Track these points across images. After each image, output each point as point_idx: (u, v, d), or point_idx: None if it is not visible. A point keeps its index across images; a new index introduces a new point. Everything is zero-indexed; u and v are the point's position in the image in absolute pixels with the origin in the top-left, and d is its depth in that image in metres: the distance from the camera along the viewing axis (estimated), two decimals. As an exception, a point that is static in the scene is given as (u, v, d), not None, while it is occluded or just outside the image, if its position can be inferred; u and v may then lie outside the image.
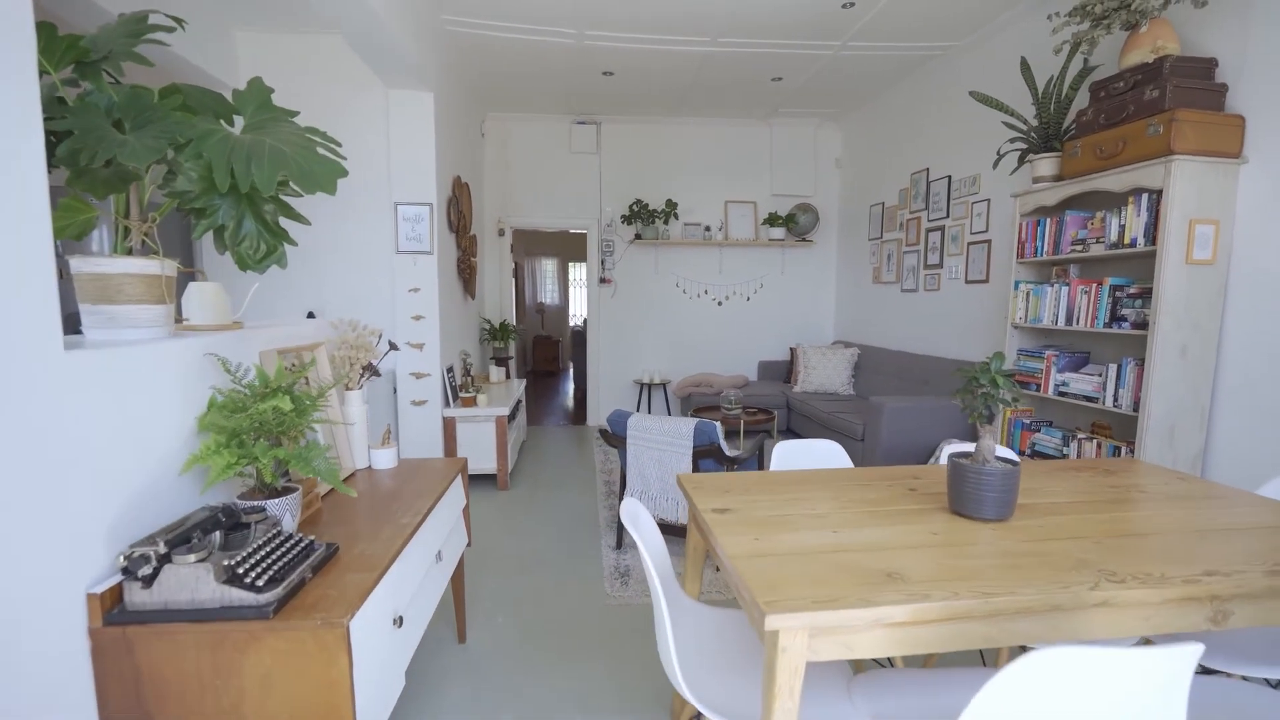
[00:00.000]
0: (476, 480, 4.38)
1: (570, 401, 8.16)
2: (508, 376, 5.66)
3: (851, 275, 6.22)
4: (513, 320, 6.33)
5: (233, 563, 1.16)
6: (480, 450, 4.22)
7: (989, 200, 4.17)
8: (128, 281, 1.30)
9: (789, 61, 4.60)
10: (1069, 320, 3.14)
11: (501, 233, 6.16)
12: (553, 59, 4.57)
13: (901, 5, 3.73)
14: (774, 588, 1.13)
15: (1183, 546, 1.35)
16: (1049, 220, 3.26)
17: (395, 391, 4.05)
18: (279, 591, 1.16)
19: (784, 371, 6.41)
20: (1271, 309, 2.54)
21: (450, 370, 4.28)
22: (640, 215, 6.08)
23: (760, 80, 5.03)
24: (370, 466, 2.14)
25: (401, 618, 1.44)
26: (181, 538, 1.17)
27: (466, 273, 4.79)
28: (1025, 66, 3.39)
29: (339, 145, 1.35)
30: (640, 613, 2.60)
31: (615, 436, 2.99)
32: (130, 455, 1.21)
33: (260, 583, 1.15)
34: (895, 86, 5.19)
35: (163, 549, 1.12)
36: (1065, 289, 3.17)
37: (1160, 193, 2.64)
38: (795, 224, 6.21)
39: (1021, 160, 3.58)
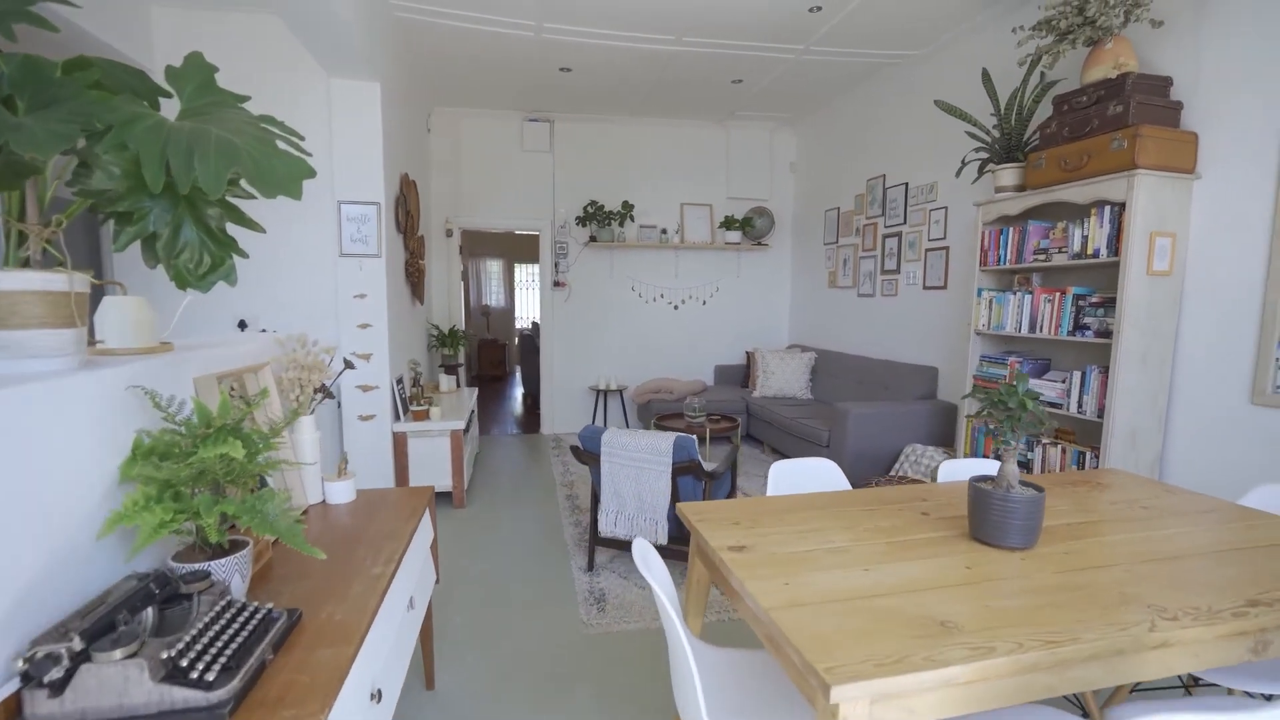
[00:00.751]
0: (429, 498, 4.10)
1: (520, 408, 7.89)
2: (458, 385, 5.37)
3: (807, 279, 6.26)
4: (462, 325, 6.03)
5: (173, 653, 0.93)
6: (434, 467, 3.95)
7: (947, 208, 4.24)
8: (25, 300, 1.05)
9: (752, 64, 4.55)
10: (1033, 328, 3.20)
11: (450, 233, 5.85)
12: (509, 51, 4.34)
13: (867, 11, 3.73)
14: (828, 650, 1.00)
15: (1213, 573, 1.31)
16: (1012, 229, 3.32)
17: (340, 406, 3.73)
18: (234, 685, 0.94)
19: (741, 376, 6.39)
20: (1221, 318, 2.64)
21: (400, 382, 3.99)
22: (595, 217, 5.91)
23: (720, 82, 4.96)
24: (325, 502, 1.90)
25: (380, 691, 1.24)
26: (103, 624, 0.94)
27: (415, 276, 4.49)
28: (986, 78, 3.44)
29: (302, 139, 1.14)
30: (623, 641, 2.45)
31: (588, 454, 2.82)
32: (29, 522, 0.96)
33: (210, 675, 0.93)
34: (851, 93, 5.23)
35: (78, 644, 0.88)
36: (1029, 297, 3.23)
37: (1122, 205, 2.71)
38: (751, 227, 6.20)
39: (982, 170, 3.64)
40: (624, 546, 2.82)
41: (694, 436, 2.65)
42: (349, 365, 2.17)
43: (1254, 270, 2.52)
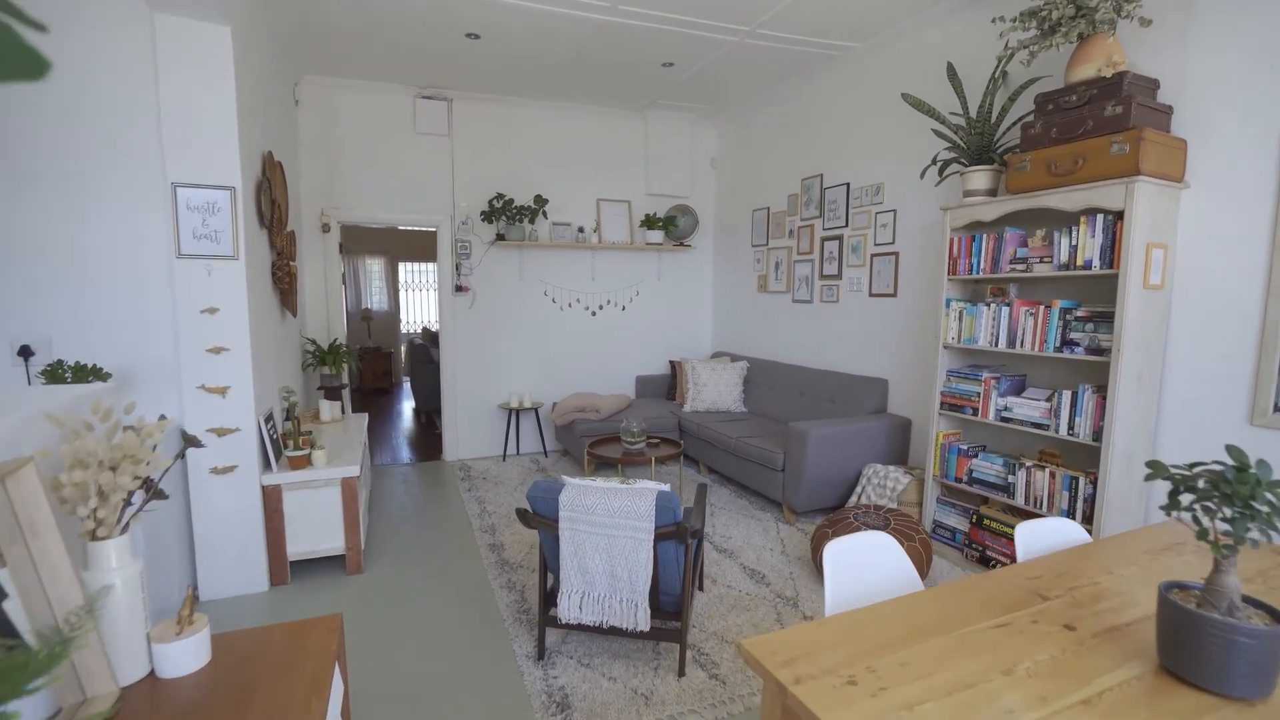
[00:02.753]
0: (317, 566, 3.24)
1: (413, 426, 6.93)
2: (343, 412, 4.45)
3: (732, 283, 5.92)
4: (343, 336, 5.06)
5: None
6: (320, 526, 3.10)
7: (895, 211, 4.02)
8: None
9: (689, 45, 4.07)
10: (1011, 343, 2.99)
11: (326, 228, 4.86)
12: (401, 7, 3.54)
13: (823, -7, 3.37)
14: None
15: None
16: (986, 236, 3.10)
17: (184, 458, 2.79)
18: None
19: (665, 388, 5.95)
20: (1213, 334, 2.54)
21: (269, 419, 3.09)
22: (504, 213, 5.18)
23: (649, 64, 4.44)
24: (155, 675, 1.15)
25: None
26: None
27: (285, 281, 3.56)
28: (952, 73, 3.20)
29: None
30: (602, 772, 1.87)
31: (541, 518, 2.20)
32: None
33: None
34: (785, 85, 4.93)
35: None
36: (1005, 310, 3.02)
37: (1117, 213, 2.53)
38: (675, 227, 5.76)
39: (943, 172, 3.41)
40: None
41: (675, 493, 2.11)
42: (191, 443, 1.40)
43: (1250, 285, 2.41)
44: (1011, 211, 2.95)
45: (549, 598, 2.38)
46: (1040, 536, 1.65)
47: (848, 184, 4.40)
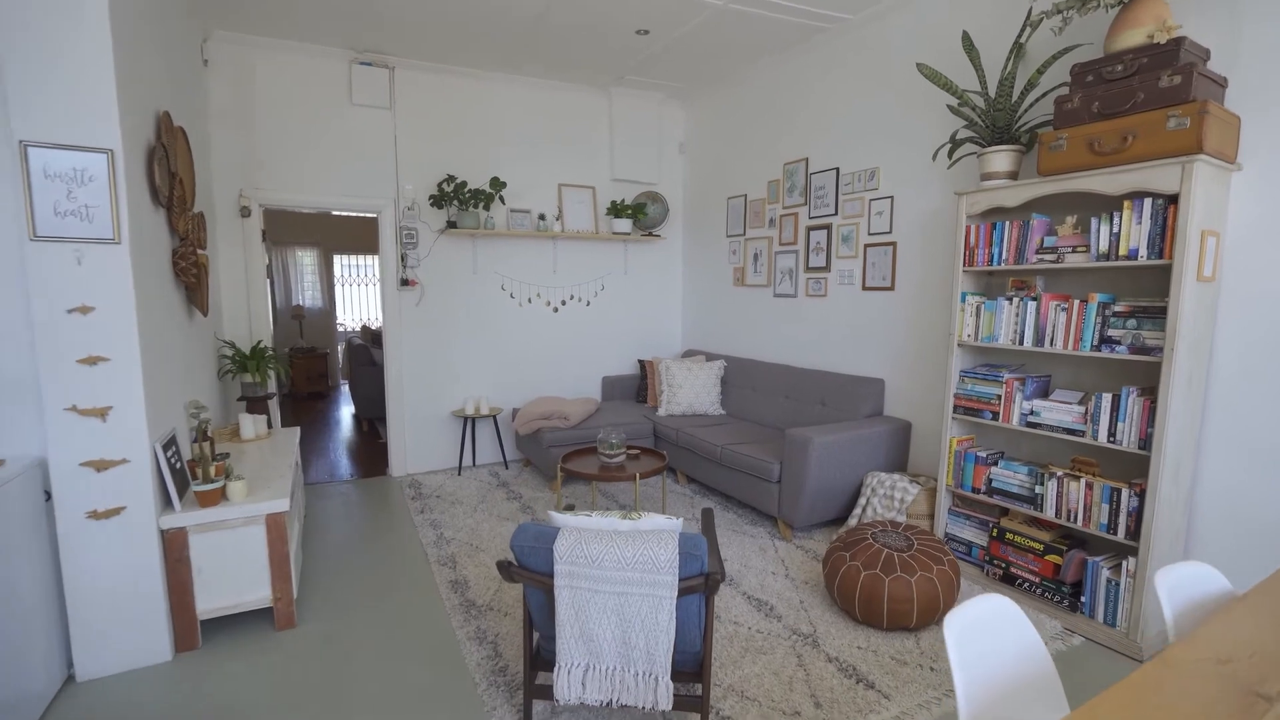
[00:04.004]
0: (237, 623, 2.65)
1: (353, 436, 6.25)
2: (270, 427, 3.81)
3: (705, 277, 5.54)
4: (269, 338, 4.38)
5: None
6: (239, 573, 2.52)
7: (892, 198, 3.71)
8: None
9: (668, 8, 3.64)
10: (1039, 341, 2.72)
11: (246, 212, 4.18)
12: (334, -56, 2.96)
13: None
14: None
15: None
16: (1009, 224, 2.81)
17: (49, 499, 2.17)
18: None
19: (633, 389, 5.52)
20: (1259, 330, 2.32)
21: (170, 445, 2.48)
22: (455, 197, 4.61)
23: (622, 30, 3.98)
24: None
25: None
26: None
27: (192, 273, 2.93)
28: (969, 43, 2.89)
29: None
30: None
31: (531, 573, 1.73)
32: None
33: None
34: (763, 62, 4.56)
35: None
36: (1032, 304, 2.74)
37: (1169, 197, 2.26)
38: (644, 215, 5.32)
39: (953, 153, 3.12)
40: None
41: (699, 535, 1.70)
42: None
43: (1313, 277, 2.18)
44: (1039, 197, 2.66)
45: (535, 659, 1.92)
46: (1185, 587, 1.32)
47: (837, 169, 4.08)
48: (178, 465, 2.50)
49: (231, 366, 3.86)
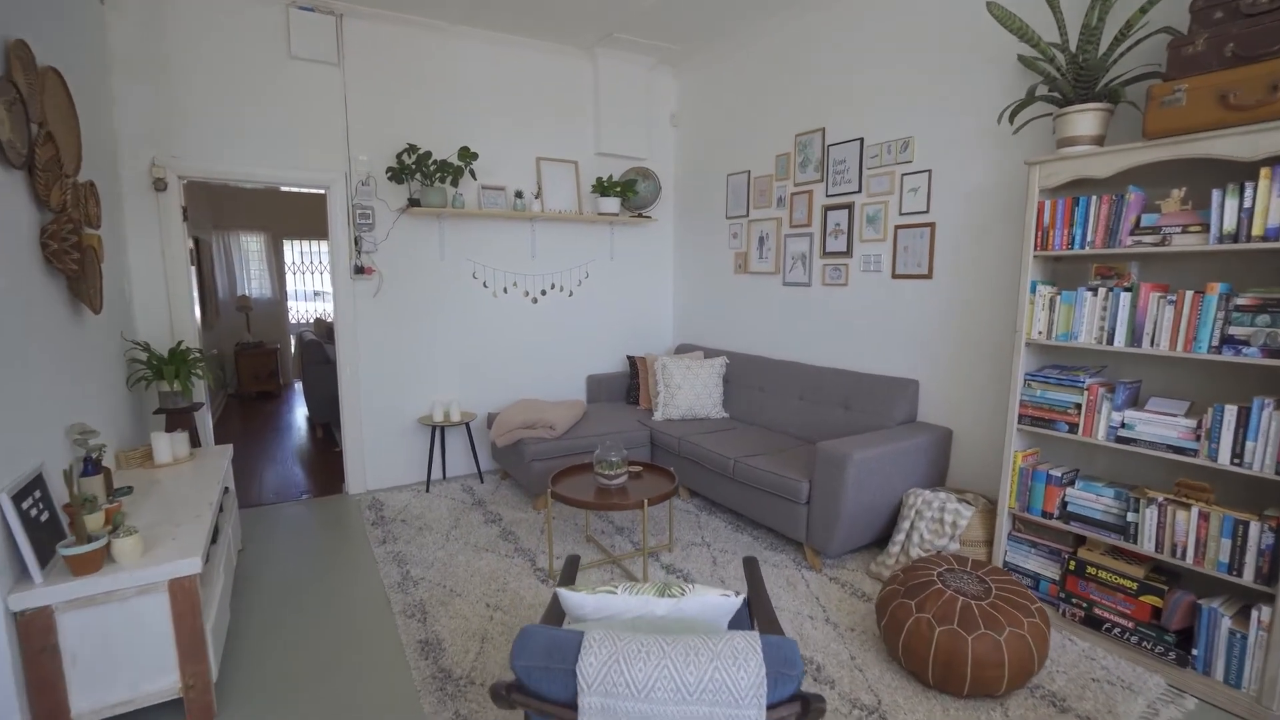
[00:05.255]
0: None
1: (306, 444, 5.56)
2: (193, 446, 3.15)
3: (700, 263, 5.00)
4: (194, 336, 3.68)
5: None
6: (135, 657, 1.91)
7: (930, 172, 3.22)
8: None
9: (672, -57, 3.05)
10: (1134, 339, 2.25)
11: (161, 185, 3.46)
12: None
13: None
14: None
15: None
16: (1097, 199, 2.33)
17: None
18: None
19: (622, 389, 4.97)
20: None
21: (31, 493, 1.83)
22: (418, 170, 3.96)
23: (615, -26, 3.37)
24: None
25: None
26: None
27: (73, 259, 2.25)
28: (1047, -22, 2.39)
29: None
30: None
31: (543, 702, 1.17)
32: None
33: None
34: (769, 21, 4.00)
35: None
36: (1125, 296, 2.27)
37: (1328, 161, 1.80)
38: (634, 194, 4.73)
39: (1014, 116, 2.63)
40: None
41: (793, 642, 1.17)
42: None
43: None
44: (1139, 165, 2.19)
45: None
46: None
47: (861, 139, 3.56)
48: (43, 518, 1.86)
49: (147, 374, 3.18)
